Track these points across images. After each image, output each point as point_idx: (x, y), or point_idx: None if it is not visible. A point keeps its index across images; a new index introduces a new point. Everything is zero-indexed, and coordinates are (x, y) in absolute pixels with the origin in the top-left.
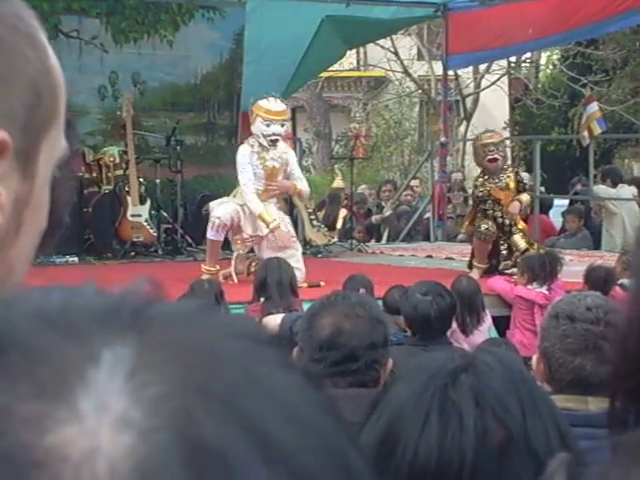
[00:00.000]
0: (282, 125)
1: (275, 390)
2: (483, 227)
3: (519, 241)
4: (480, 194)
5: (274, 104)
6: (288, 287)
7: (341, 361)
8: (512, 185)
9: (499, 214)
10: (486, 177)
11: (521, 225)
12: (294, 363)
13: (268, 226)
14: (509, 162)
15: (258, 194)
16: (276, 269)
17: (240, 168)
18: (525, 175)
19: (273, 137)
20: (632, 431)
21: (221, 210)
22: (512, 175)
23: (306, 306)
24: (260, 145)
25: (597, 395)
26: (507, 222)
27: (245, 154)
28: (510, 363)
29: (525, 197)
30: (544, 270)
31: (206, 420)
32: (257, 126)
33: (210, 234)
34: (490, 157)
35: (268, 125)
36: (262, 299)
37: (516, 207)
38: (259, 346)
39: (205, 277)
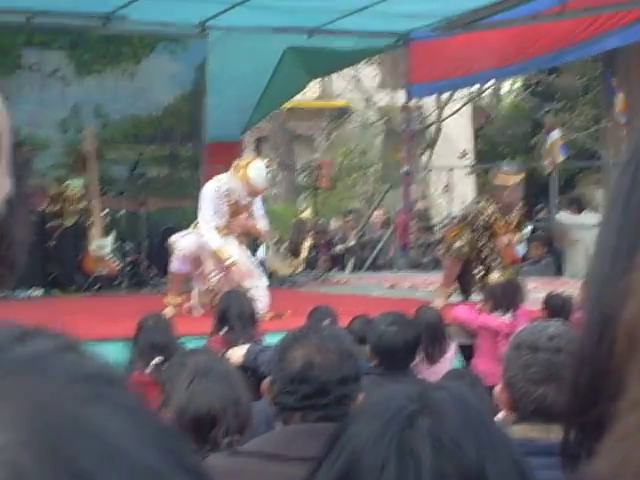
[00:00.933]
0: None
1: (107, 435)
2: (457, 244)
3: (497, 274)
4: (482, 221)
5: (263, 182)
6: (249, 318)
7: (312, 395)
8: (514, 221)
9: (489, 245)
10: (497, 207)
11: (506, 261)
12: (134, 402)
13: (224, 263)
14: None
15: (219, 230)
16: (237, 300)
17: (203, 203)
18: None
19: (246, 202)
20: (583, 466)
21: (185, 242)
22: (519, 215)
23: (268, 337)
24: (227, 191)
25: (560, 424)
26: (491, 255)
27: (211, 190)
28: (466, 401)
29: (517, 237)
30: (506, 298)
31: (34, 472)
32: (241, 187)
33: (174, 266)
34: (508, 200)
35: (245, 197)
36: (223, 331)
37: (505, 242)
38: (100, 389)
39: (167, 310)
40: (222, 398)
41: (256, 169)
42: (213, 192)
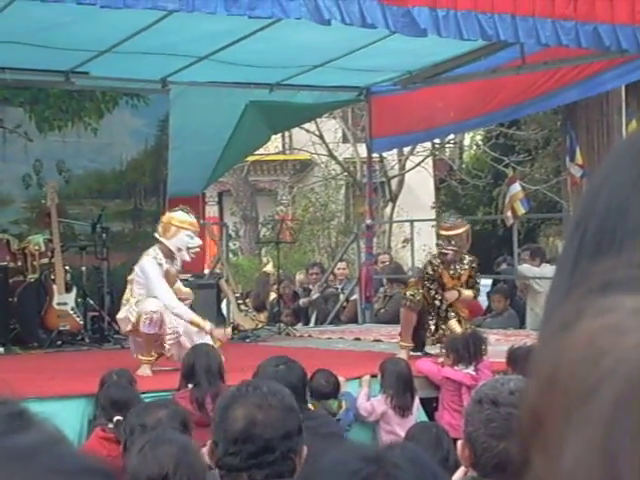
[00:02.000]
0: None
1: None
2: (409, 293)
3: (454, 326)
4: (429, 272)
5: (192, 217)
6: (216, 373)
7: (257, 453)
8: (464, 277)
9: (439, 297)
10: (442, 261)
11: (463, 313)
12: None
13: (205, 329)
14: (466, 253)
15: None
16: (204, 355)
17: (155, 280)
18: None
19: (197, 249)
20: None
21: (153, 305)
22: (467, 269)
23: None
24: (166, 256)
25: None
26: (443, 307)
27: (154, 266)
28: (421, 462)
29: (467, 293)
30: (468, 351)
31: None
32: (181, 239)
33: (146, 329)
34: (439, 250)
35: (192, 237)
36: (190, 385)
37: (453, 295)
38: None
39: (142, 367)
40: (175, 462)
41: (178, 212)
42: (157, 266)
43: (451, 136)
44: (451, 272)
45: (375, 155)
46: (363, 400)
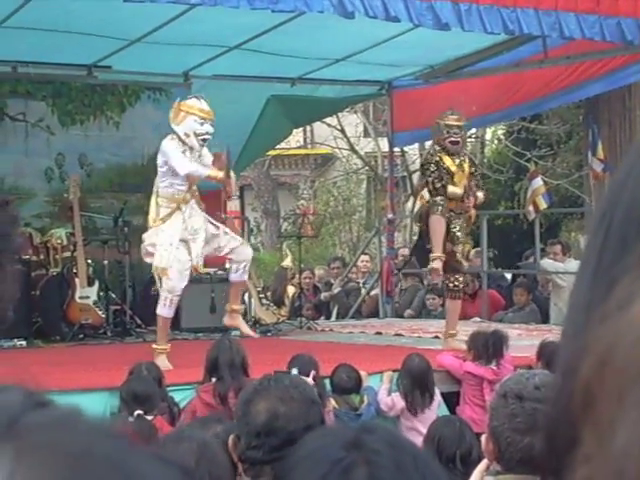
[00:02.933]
0: (212, 125)
1: (146, 475)
2: (438, 199)
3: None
4: (432, 162)
5: (204, 104)
6: (240, 367)
7: (280, 446)
8: (466, 168)
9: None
10: (443, 150)
11: (468, 225)
12: (164, 456)
13: (218, 178)
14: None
15: (178, 197)
16: (227, 349)
17: (172, 154)
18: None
19: (206, 136)
20: None
21: (170, 284)
22: (467, 160)
23: None
24: (184, 145)
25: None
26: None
27: (173, 144)
28: (400, 444)
29: (480, 194)
30: (487, 351)
31: None
32: (188, 124)
33: (162, 311)
34: (453, 139)
35: (202, 124)
36: (213, 379)
37: (480, 198)
38: (127, 443)
39: (158, 358)
40: (196, 458)
41: (191, 99)
42: (176, 144)
43: (473, 130)
44: (457, 162)
45: (396, 149)
46: (384, 395)
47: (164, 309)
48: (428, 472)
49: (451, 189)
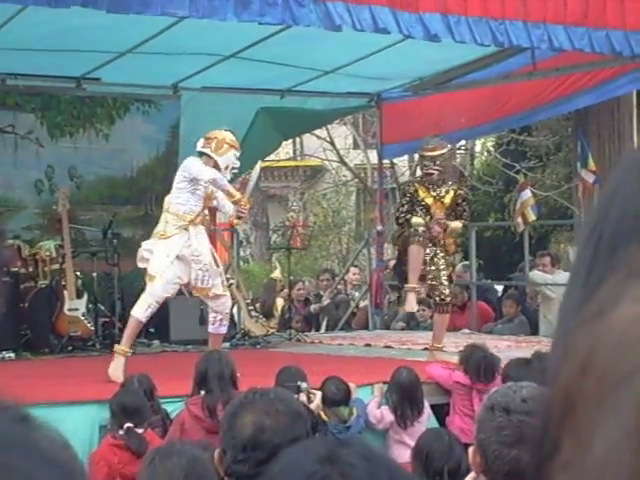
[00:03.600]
0: None
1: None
2: (418, 229)
3: (444, 279)
4: (407, 192)
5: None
6: (229, 380)
7: (266, 460)
8: (447, 200)
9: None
10: (421, 180)
11: (450, 248)
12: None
13: (236, 199)
14: (449, 176)
15: (189, 216)
16: (217, 362)
17: (198, 167)
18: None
19: (235, 171)
20: None
21: (154, 290)
22: (452, 192)
23: None
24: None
25: None
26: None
27: (199, 161)
28: (375, 458)
29: (454, 224)
30: (478, 372)
31: None
32: (230, 158)
33: (139, 313)
34: (425, 171)
35: (237, 158)
36: (202, 392)
37: (452, 227)
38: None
39: (116, 360)
40: (185, 473)
41: (227, 132)
42: (200, 162)
43: (462, 142)
44: (433, 194)
45: (386, 161)
46: (374, 407)
47: (141, 312)
48: None
49: (414, 220)
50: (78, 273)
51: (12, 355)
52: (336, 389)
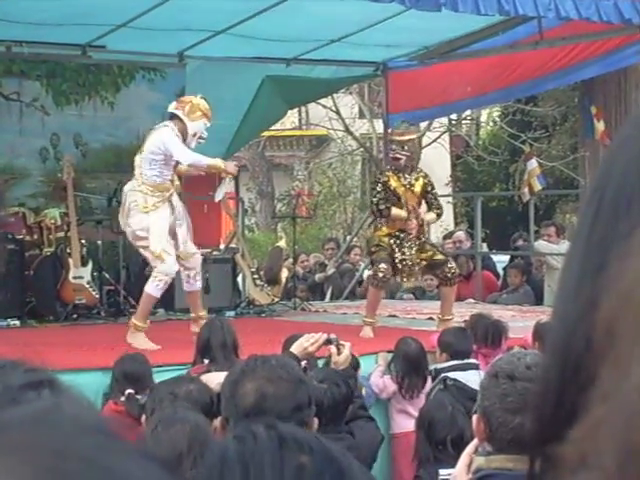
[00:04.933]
0: None
1: (122, 475)
2: (375, 269)
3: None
4: (379, 181)
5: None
6: (232, 348)
7: None
8: (417, 189)
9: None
10: (392, 169)
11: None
12: (146, 452)
13: (225, 169)
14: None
15: (164, 186)
16: (219, 330)
17: (174, 145)
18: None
19: (202, 141)
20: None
21: (166, 266)
22: (420, 180)
23: None
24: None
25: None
26: (402, 236)
27: (174, 136)
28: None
29: (429, 216)
30: (485, 339)
31: None
32: (199, 126)
33: (153, 290)
34: (392, 155)
35: (206, 128)
36: (206, 361)
37: (428, 219)
38: (109, 438)
39: (136, 336)
40: (188, 441)
41: (200, 99)
42: (175, 135)
43: (468, 112)
44: (404, 182)
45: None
46: (377, 376)
47: (155, 289)
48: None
49: (395, 212)
50: (83, 241)
51: (17, 322)
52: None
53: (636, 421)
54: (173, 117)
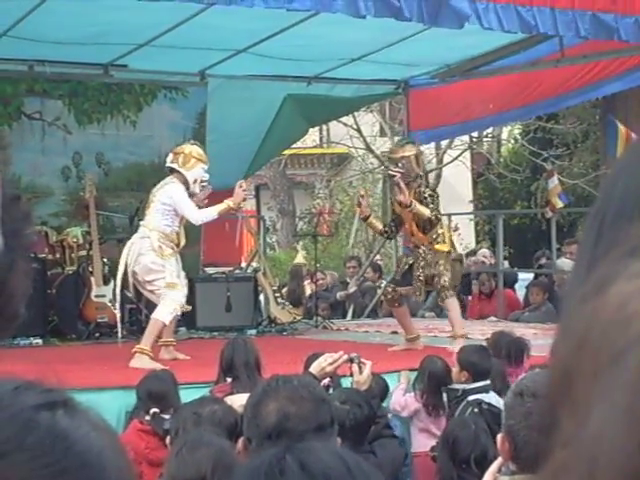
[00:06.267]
0: None
1: None
2: (385, 288)
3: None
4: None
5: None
6: (254, 367)
7: None
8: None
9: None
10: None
11: (445, 246)
12: None
13: (230, 206)
14: (418, 176)
15: (173, 237)
16: (242, 349)
17: (184, 204)
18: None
19: (205, 183)
20: None
21: (179, 296)
22: (412, 191)
23: None
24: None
25: None
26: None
27: (182, 191)
28: (339, 453)
29: (420, 207)
30: (508, 357)
31: None
32: (198, 172)
33: (165, 317)
34: (387, 172)
35: (205, 171)
36: (229, 379)
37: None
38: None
39: (140, 359)
40: (213, 464)
41: (191, 145)
42: (183, 190)
43: (489, 130)
44: (397, 196)
45: None
46: (399, 394)
47: (166, 316)
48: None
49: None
50: (105, 259)
51: (39, 341)
52: (374, 383)
53: (594, 472)
54: (172, 170)
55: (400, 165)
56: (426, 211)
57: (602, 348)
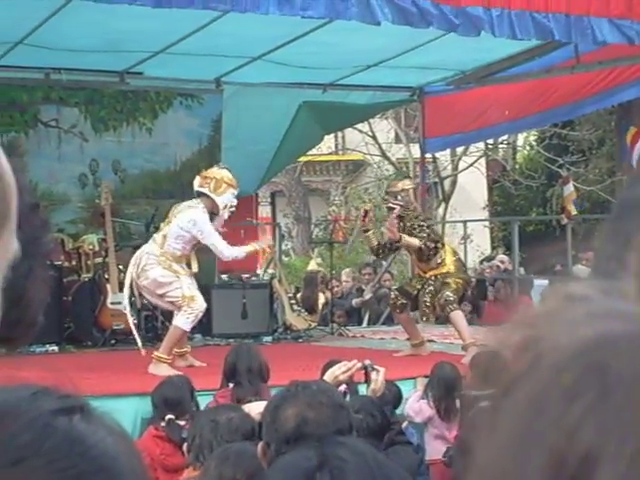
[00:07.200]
0: None
1: None
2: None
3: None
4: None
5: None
6: (257, 373)
7: None
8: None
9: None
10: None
11: (448, 269)
12: None
13: (261, 247)
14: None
15: (182, 258)
16: (245, 355)
17: (211, 231)
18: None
19: (234, 209)
20: None
21: (198, 304)
22: (408, 222)
23: (274, 392)
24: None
25: None
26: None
27: (207, 219)
28: (363, 451)
29: (410, 239)
30: None
31: None
32: (228, 197)
33: (185, 325)
34: (386, 205)
35: (235, 197)
36: (231, 385)
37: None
38: None
39: (160, 367)
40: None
41: (223, 170)
42: (207, 217)
43: (504, 137)
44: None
45: (428, 155)
46: (414, 401)
47: (187, 323)
48: (392, 474)
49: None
50: (121, 267)
51: (55, 348)
52: (387, 390)
53: None
54: (200, 194)
55: (399, 198)
56: (415, 241)
57: (504, 373)
